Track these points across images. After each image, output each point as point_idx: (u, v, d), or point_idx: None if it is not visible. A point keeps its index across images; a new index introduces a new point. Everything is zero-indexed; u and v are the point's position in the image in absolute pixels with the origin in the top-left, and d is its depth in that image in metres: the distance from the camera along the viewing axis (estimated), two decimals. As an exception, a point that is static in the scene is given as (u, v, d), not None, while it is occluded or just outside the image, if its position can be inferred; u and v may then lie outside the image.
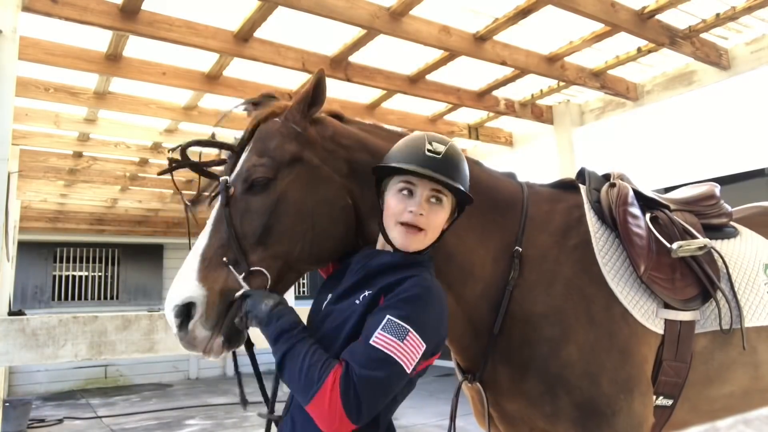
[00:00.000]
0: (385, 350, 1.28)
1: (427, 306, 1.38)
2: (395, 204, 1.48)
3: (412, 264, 1.47)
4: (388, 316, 1.32)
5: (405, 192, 1.48)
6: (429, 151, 1.50)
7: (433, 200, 1.48)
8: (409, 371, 1.30)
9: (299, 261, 1.62)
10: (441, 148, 1.51)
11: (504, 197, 1.88)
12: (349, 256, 1.64)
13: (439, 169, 1.47)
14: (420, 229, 1.46)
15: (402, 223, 1.46)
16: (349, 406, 1.25)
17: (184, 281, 1.54)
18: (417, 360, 1.31)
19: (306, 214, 1.61)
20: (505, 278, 1.75)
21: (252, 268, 1.53)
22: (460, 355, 1.87)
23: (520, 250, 1.78)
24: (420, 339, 1.32)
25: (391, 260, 1.48)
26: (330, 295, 1.55)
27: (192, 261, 1.56)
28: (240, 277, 1.51)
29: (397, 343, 1.29)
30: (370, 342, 1.30)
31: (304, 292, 14.62)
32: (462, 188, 1.50)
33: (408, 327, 1.31)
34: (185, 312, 1.52)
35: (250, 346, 1.62)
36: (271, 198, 1.59)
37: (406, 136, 1.61)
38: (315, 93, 1.66)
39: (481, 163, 1.97)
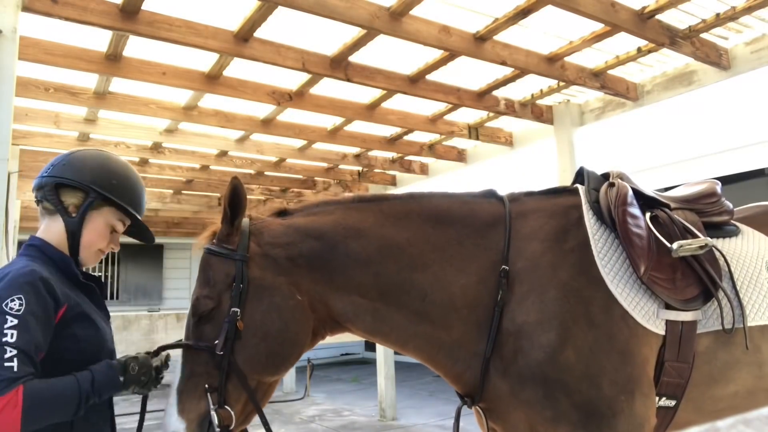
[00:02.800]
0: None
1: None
2: (98, 235, 1.71)
3: None
4: None
5: (112, 229, 1.75)
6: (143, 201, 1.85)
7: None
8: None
9: (261, 375, 1.72)
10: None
11: (483, 219, 1.89)
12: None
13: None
14: None
15: (100, 251, 1.73)
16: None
17: (169, 412, 1.69)
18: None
19: (255, 327, 1.69)
20: (494, 297, 1.76)
21: (226, 407, 1.66)
22: (456, 383, 1.87)
23: (507, 269, 1.78)
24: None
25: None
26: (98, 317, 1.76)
27: (175, 388, 1.71)
28: (213, 408, 1.64)
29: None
30: None
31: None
32: None
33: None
34: None
35: None
36: (218, 324, 1.69)
37: (134, 178, 1.81)
38: (232, 207, 1.75)
39: (451, 194, 1.99)
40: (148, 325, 2.20)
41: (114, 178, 1.71)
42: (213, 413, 1.62)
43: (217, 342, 1.66)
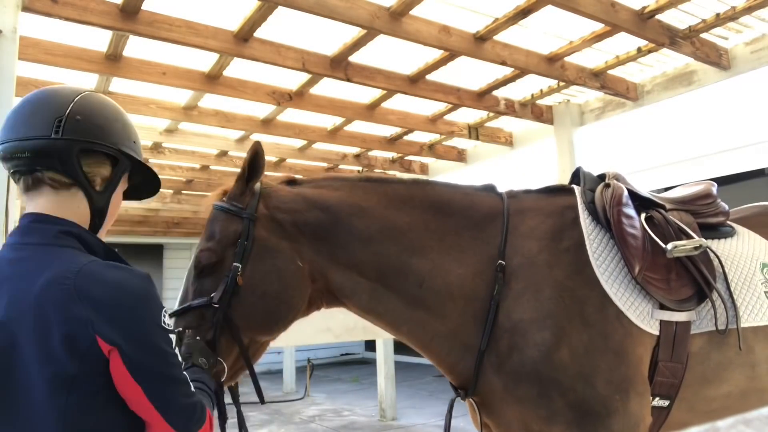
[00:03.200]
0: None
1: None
2: (119, 204, 1.36)
3: None
4: None
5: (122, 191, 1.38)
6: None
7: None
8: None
9: (255, 333, 1.74)
10: None
11: (482, 213, 1.91)
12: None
13: None
14: None
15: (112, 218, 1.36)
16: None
17: None
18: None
19: (254, 285, 1.71)
20: (490, 292, 1.78)
21: (218, 358, 1.64)
22: (449, 373, 1.88)
23: (504, 263, 1.79)
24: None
25: None
26: None
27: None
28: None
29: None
30: None
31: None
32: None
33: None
34: None
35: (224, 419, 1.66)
36: (219, 278, 1.70)
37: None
38: (251, 168, 1.79)
39: (452, 184, 2.01)
40: (148, 325, 2.21)
41: (132, 134, 1.33)
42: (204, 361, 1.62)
43: (214, 294, 1.67)
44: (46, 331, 1.07)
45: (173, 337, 1.25)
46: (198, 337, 1.64)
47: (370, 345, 13.35)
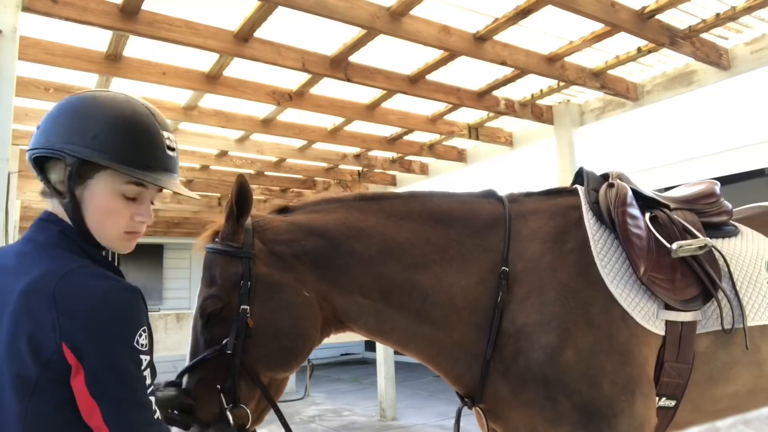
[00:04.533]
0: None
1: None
2: (117, 208, 1.22)
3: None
4: None
5: (130, 199, 1.23)
6: (169, 149, 1.28)
7: (152, 203, 1.31)
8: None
9: (274, 372, 1.72)
10: (174, 142, 1.32)
11: (483, 220, 1.89)
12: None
13: (175, 167, 1.30)
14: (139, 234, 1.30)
15: (132, 233, 1.26)
16: None
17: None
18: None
19: (267, 325, 1.67)
20: (494, 298, 1.76)
21: (240, 405, 1.63)
22: (456, 384, 1.87)
23: (507, 270, 1.78)
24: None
25: None
26: None
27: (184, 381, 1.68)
28: (227, 408, 1.62)
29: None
30: None
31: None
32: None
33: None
34: None
35: None
36: (228, 323, 1.66)
37: (128, 115, 1.25)
38: (239, 204, 1.72)
39: (451, 193, 1.98)
40: (148, 325, 2.22)
41: (92, 127, 1.18)
42: (228, 413, 1.60)
43: (227, 341, 1.63)
44: (16, 330, 1.06)
45: (145, 358, 1.11)
46: (218, 386, 1.63)
47: (370, 345, 13.36)
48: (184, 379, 1.66)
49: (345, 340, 2.87)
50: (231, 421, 1.60)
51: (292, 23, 3.49)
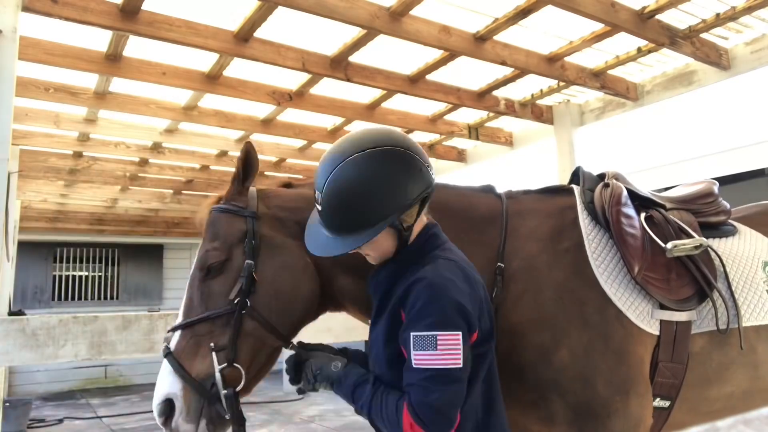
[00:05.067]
0: (427, 367, 1.31)
1: (437, 301, 1.35)
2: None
3: (404, 264, 1.47)
4: (412, 334, 1.34)
5: None
6: (316, 201, 1.48)
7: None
8: (460, 365, 1.31)
9: (269, 334, 1.66)
10: (318, 198, 1.46)
11: (481, 214, 1.87)
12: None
13: (328, 226, 1.46)
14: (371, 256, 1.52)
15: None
16: (431, 428, 1.29)
17: (163, 375, 1.60)
18: (460, 350, 1.32)
19: (267, 283, 1.65)
20: (488, 294, 1.76)
21: (235, 364, 1.58)
22: None
23: (503, 266, 1.77)
24: (449, 332, 1.32)
25: (385, 274, 1.50)
26: (369, 323, 1.58)
27: (173, 343, 1.62)
28: (219, 368, 1.56)
29: (432, 353, 1.31)
30: (413, 367, 1.33)
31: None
32: (359, 245, 1.43)
33: (432, 333, 1.31)
34: (168, 408, 1.57)
35: (242, 422, 1.61)
36: (231, 276, 1.65)
37: None
38: (245, 169, 1.75)
39: (450, 185, 1.96)
40: (148, 325, 2.19)
41: None
42: (218, 373, 1.55)
43: (233, 294, 1.61)
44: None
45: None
46: (212, 344, 1.58)
47: (370, 345, 13.34)
48: (175, 337, 1.62)
49: (345, 340, 2.86)
50: (221, 382, 1.55)
51: (292, 23, 3.49)
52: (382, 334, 1.44)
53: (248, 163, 1.75)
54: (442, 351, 1.30)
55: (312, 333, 2.49)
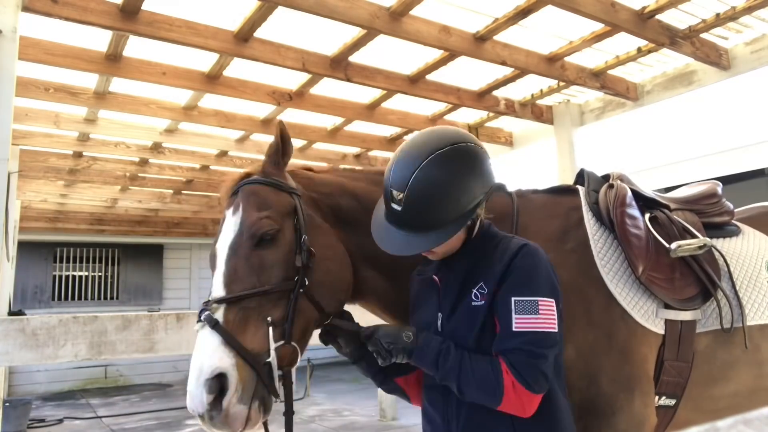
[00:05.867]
0: (530, 330, 1.36)
1: (535, 265, 1.43)
2: None
3: (478, 252, 1.51)
4: (513, 299, 1.38)
5: None
6: (393, 201, 1.45)
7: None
8: (556, 330, 1.39)
9: (323, 312, 1.63)
10: (399, 198, 1.42)
11: (493, 211, 1.88)
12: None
13: (404, 224, 1.44)
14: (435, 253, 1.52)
15: None
16: (535, 389, 1.34)
17: (209, 348, 1.40)
18: (556, 317, 1.39)
19: (320, 262, 1.60)
20: None
21: (292, 342, 1.49)
22: None
23: None
24: (547, 299, 1.39)
25: (461, 265, 1.52)
26: (440, 314, 1.53)
27: (220, 315, 1.45)
28: (275, 345, 1.44)
29: (534, 317, 1.36)
30: (513, 330, 1.36)
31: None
32: (439, 242, 1.43)
33: (534, 298, 1.38)
34: (218, 386, 1.37)
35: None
36: (285, 249, 1.56)
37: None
38: (283, 143, 1.71)
39: None
40: (148, 325, 2.19)
41: None
42: (272, 350, 1.42)
43: (298, 269, 1.53)
44: None
45: None
46: (269, 318, 1.46)
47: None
48: (221, 310, 1.45)
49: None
50: (275, 360, 1.43)
51: (292, 23, 3.49)
52: (469, 316, 1.44)
53: (285, 138, 1.70)
54: (543, 315, 1.36)
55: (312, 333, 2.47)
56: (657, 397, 1.76)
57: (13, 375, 9.98)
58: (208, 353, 1.38)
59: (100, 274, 11.47)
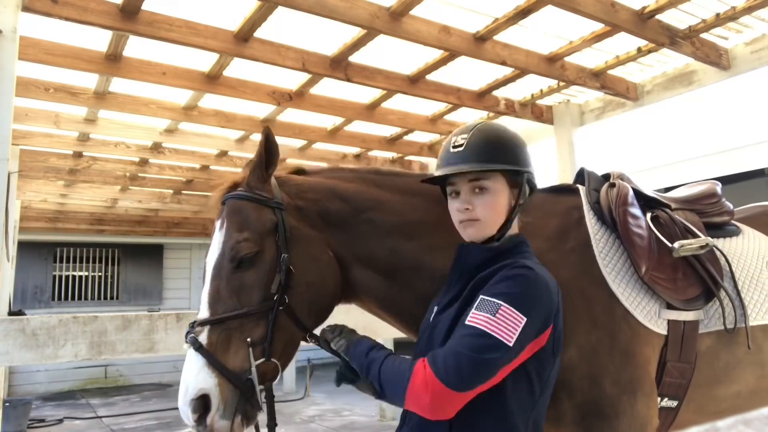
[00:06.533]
0: (478, 326, 1.31)
1: (523, 282, 1.36)
2: (450, 208, 1.56)
3: (502, 253, 1.49)
4: (481, 297, 1.36)
5: (453, 194, 1.55)
6: (453, 146, 1.54)
7: (477, 191, 1.50)
8: (509, 343, 1.29)
9: (302, 326, 1.66)
10: (462, 139, 1.53)
11: None
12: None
13: (463, 160, 1.50)
14: (474, 220, 1.50)
15: (461, 222, 1.52)
16: (450, 381, 1.26)
17: (194, 370, 1.50)
18: (517, 332, 1.30)
19: (299, 277, 1.63)
20: None
21: (272, 359, 1.55)
22: None
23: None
24: (515, 311, 1.31)
25: (480, 255, 1.50)
26: (435, 307, 1.56)
27: (203, 337, 1.53)
28: (255, 363, 1.52)
29: (488, 318, 1.31)
30: (464, 323, 1.34)
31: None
32: (494, 167, 1.49)
33: (500, 302, 1.32)
34: (203, 405, 1.48)
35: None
36: (264, 270, 1.60)
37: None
38: (267, 154, 1.69)
39: None
40: (148, 325, 2.19)
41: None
42: (254, 368, 1.50)
43: (274, 290, 1.58)
44: None
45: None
46: (249, 339, 1.53)
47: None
48: (205, 331, 1.53)
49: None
50: (257, 377, 1.51)
51: (292, 23, 3.49)
52: (455, 316, 1.43)
53: (270, 148, 1.68)
54: (500, 320, 1.30)
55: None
56: (659, 399, 1.75)
57: (13, 375, 9.98)
58: (193, 374, 1.49)
59: (100, 274, 11.47)
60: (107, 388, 10.79)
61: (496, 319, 1.30)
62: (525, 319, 1.31)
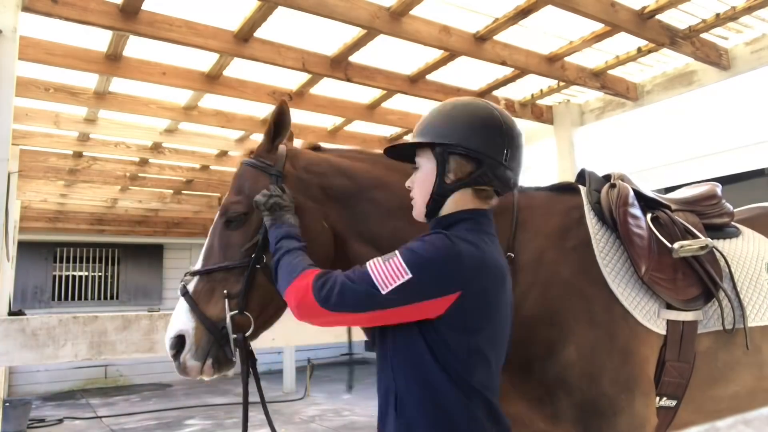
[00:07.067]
0: (368, 265, 1.40)
1: (426, 246, 1.38)
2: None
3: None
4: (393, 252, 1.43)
5: None
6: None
7: (415, 169, 1.58)
8: (382, 291, 1.34)
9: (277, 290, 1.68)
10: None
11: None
12: None
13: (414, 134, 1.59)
14: (413, 199, 1.59)
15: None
16: (320, 297, 1.38)
17: (178, 313, 1.70)
18: (395, 284, 1.34)
19: None
20: None
21: (245, 312, 1.68)
22: None
23: (513, 255, 1.77)
24: (403, 266, 1.35)
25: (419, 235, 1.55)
26: None
27: (191, 285, 1.72)
28: (230, 314, 1.66)
29: (380, 263, 1.39)
30: (364, 264, 1.44)
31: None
32: (415, 141, 1.55)
33: (396, 253, 1.39)
34: (179, 343, 1.68)
35: (253, 362, 1.73)
36: (249, 230, 1.73)
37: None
38: (276, 126, 1.80)
39: None
40: (148, 325, 2.19)
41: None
42: (228, 318, 1.65)
43: (248, 247, 1.70)
44: None
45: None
46: (225, 291, 1.68)
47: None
48: (194, 281, 1.72)
49: (345, 340, 2.86)
50: (231, 327, 1.65)
51: (292, 23, 3.49)
52: None
53: (281, 120, 1.80)
54: (385, 268, 1.36)
55: (313, 333, 2.49)
56: (658, 398, 1.76)
57: (13, 375, 9.98)
58: (176, 316, 1.70)
59: (100, 274, 11.48)
60: (107, 388, 10.79)
61: (383, 266, 1.37)
62: (409, 275, 1.33)
